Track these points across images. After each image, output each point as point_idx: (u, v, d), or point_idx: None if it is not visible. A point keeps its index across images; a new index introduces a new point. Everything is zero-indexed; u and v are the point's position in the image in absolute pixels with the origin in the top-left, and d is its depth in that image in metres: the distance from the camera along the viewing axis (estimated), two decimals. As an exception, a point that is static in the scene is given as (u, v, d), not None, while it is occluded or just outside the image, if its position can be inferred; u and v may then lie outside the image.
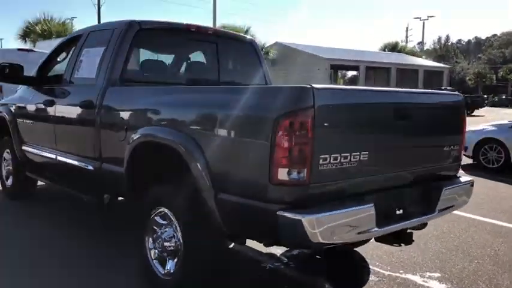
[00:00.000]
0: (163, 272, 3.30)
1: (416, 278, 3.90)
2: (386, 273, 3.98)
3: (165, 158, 3.23)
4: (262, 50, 29.00)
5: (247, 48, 5.00)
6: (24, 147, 5.38)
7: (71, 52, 4.80)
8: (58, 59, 5.16)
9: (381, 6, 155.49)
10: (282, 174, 2.51)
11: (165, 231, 3.28)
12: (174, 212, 3.18)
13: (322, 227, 2.51)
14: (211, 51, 4.76)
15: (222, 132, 2.86)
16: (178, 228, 3.16)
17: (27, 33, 27.62)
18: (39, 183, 5.99)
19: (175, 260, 3.22)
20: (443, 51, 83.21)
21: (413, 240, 3.58)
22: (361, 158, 2.77)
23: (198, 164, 2.90)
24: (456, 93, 3.70)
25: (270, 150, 2.52)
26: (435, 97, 3.60)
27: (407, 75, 37.47)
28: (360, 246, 4.45)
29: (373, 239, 3.63)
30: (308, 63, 32.00)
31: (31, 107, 5.16)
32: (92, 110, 3.98)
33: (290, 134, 2.48)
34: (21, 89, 5.70)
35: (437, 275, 3.99)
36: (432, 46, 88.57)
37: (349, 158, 2.69)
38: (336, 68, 39.50)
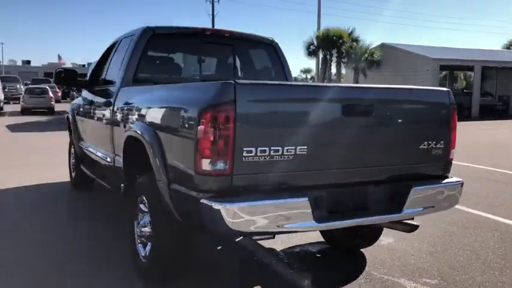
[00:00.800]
0: (143, 255, 3.60)
1: (408, 284, 3.71)
2: (379, 275, 3.85)
3: (142, 150, 3.53)
4: (366, 52, 28.42)
5: (267, 49, 5.12)
6: (80, 143, 6.10)
7: (109, 57, 5.36)
8: (105, 63, 5.77)
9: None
10: (206, 164, 2.66)
11: (144, 217, 3.58)
12: (147, 200, 3.47)
13: (241, 216, 2.61)
14: (227, 53, 4.98)
15: (169, 126, 3.09)
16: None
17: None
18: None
19: (151, 245, 3.50)
20: None
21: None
22: (297, 152, 2.79)
23: (156, 157, 3.15)
24: (442, 89, 3.46)
25: (195, 142, 2.69)
26: (406, 94, 3.39)
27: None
28: (368, 247, 4.35)
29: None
30: (415, 64, 30.37)
31: (82, 107, 5.85)
32: (110, 108, 4.45)
33: (212, 127, 2.61)
34: (83, 91, 6.47)
35: (434, 282, 3.75)
36: None
37: (281, 151, 2.74)
38: (447, 68, 36.90)
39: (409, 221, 3.65)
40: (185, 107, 2.91)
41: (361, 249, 4.39)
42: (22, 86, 34.65)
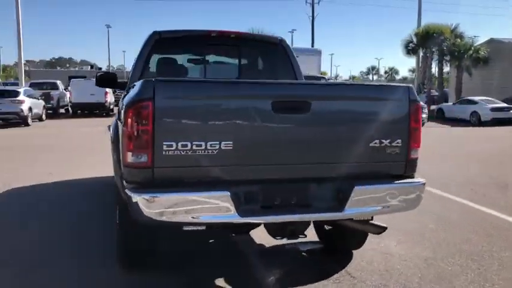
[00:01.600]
0: (119, 242, 3.91)
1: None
2: (351, 278, 3.74)
3: None
4: (470, 48, 26.42)
5: (276, 49, 5.16)
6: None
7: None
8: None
9: None
10: (130, 157, 2.86)
11: (119, 208, 3.88)
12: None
13: (157, 207, 2.77)
14: (235, 54, 5.12)
15: (121, 123, 3.34)
16: None
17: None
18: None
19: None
20: None
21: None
22: (222, 148, 2.87)
23: (115, 152, 3.44)
24: (400, 85, 3.27)
25: (123, 136, 2.92)
26: (351, 90, 3.24)
27: None
28: (361, 249, 4.23)
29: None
30: (530, 60, 27.63)
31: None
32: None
33: (134, 122, 2.82)
34: (126, 93, 7.04)
35: (407, 288, 3.57)
36: None
37: (204, 146, 2.84)
38: None
39: (374, 222, 3.54)
40: (123, 104, 3.17)
41: (354, 251, 4.26)
42: (132, 90, 37.77)
